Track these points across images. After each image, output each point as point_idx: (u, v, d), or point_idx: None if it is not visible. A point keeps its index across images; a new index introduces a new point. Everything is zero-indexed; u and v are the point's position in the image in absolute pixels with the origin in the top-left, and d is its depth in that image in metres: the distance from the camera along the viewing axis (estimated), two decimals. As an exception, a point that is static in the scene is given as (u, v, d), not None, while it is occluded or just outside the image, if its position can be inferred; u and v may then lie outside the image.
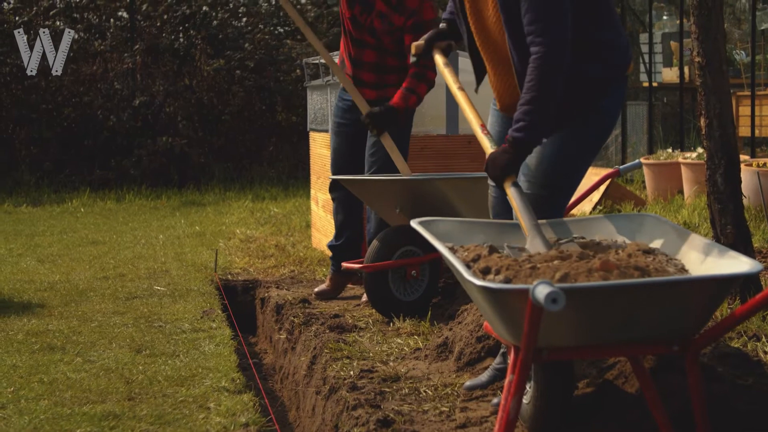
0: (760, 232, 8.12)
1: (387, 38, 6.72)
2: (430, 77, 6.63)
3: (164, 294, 7.75)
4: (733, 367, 4.32)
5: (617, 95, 4.44)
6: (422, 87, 6.63)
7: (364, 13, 6.75)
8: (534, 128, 4.16)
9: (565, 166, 4.41)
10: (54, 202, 14.27)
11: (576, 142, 4.39)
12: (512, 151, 4.17)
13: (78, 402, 5.04)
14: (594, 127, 4.41)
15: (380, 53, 6.79)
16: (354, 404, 4.55)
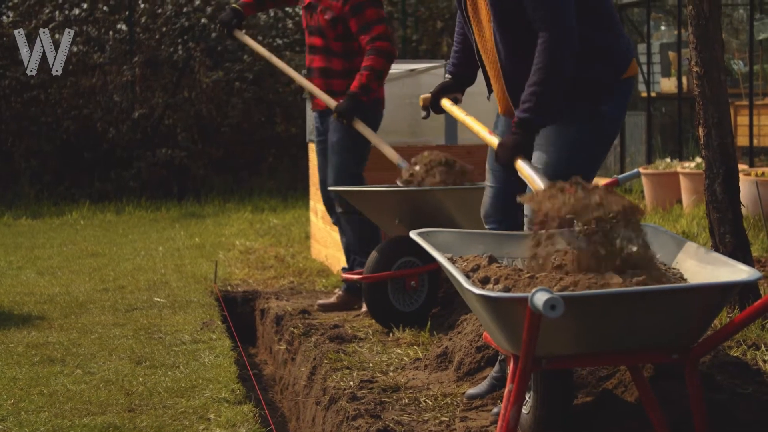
0: (759, 242, 8.13)
1: (332, 33, 6.76)
2: (385, 48, 6.66)
3: (164, 305, 7.76)
4: (732, 376, 4.32)
5: (619, 100, 4.43)
6: (377, 60, 6.65)
7: (314, 14, 6.83)
8: (540, 108, 4.19)
9: (571, 173, 4.38)
10: (54, 214, 14.27)
11: (580, 149, 4.38)
12: (520, 132, 4.21)
13: (78, 414, 5.05)
14: (596, 133, 4.40)
15: (327, 57, 6.82)
16: (354, 414, 4.55)
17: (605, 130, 4.43)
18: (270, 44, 17.43)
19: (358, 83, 6.64)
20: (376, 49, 6.65)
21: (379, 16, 6.75)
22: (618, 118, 4.46)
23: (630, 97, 4.50)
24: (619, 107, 4.44)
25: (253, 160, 17.36)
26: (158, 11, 17.12)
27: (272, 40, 17.72)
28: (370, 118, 6.85)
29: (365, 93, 6.64)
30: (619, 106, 4.44)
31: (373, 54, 6.64)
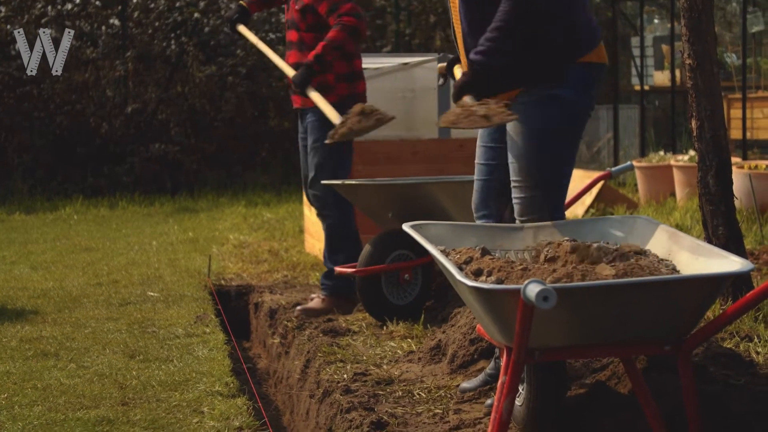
0: (752, 234, 8.14)
1: (303, 24, 6.74)
2: (350, 24, 6.60)
3: (158, 300, 7.76)
4: (725, 367, 4.33)
5: (578, 84, 4.37)
6: (339, 33, 6.60)
7: (289, 7, 6.83)
8: (491, 54, 4.28)
9: (546, 161, 4.38)
10: (47, 209, 14.25)
11: (547, 136, 4.37)
12: (469, 73, 4.32)
13: (72, 407, 5.05)
14: (557, 118, 4.36)
15: (301, 51, 6.79)
16: (348, 407, 4.55)
17: (565, 114, 4.37)
18: (263, 38, 17.42)
19: (314, 53, 6.63)
20: (342, 23, 6.59)
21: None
22: (578, 102, 4.38)
23: (595, 85, 4.42)
24: (579, 92, 4.37)
25: (246, 155, 17.35)
26: (151, 6, 17.10)
27: (265, 35, 17.70)
28: None
29: (318, 62, 6.61)
30: (579, 90, 4.37)
31: (337, 27, 6.59)
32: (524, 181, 4.38)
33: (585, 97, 4.40)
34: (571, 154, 4.45)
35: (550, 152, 4.37)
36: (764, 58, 14.80)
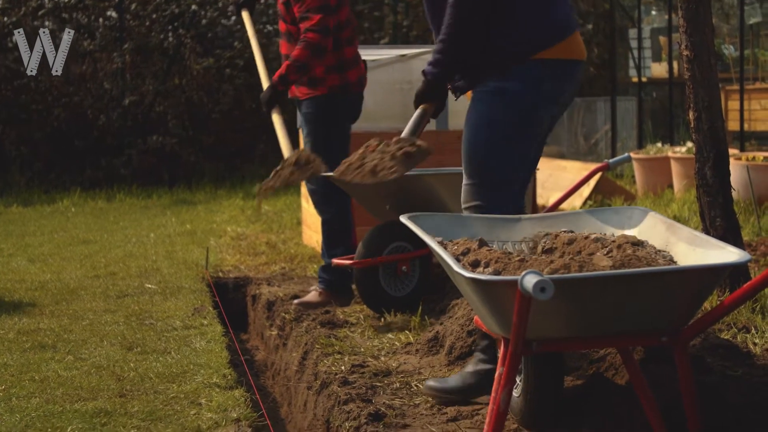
0: (749, 226, 8.14)
1: (287, 17, 6.72)
2: (313, 41, 6.49)
3: (155, 292, 7.75)
4: (722, 358, 4.34)
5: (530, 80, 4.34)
6: (302, 52, 6.50)
7: None
8: (440, 64, 4.41)
9: (483, 152, 4.40)
10: (44, 202, 14.25)
11: (489, 126, 4.38)
12: (423, 83, 4.48)
13: (69, 399, 5.05)
14: (503, 111, 4.36)
15: (289, 42, 6.77)
16: (345, 399, 4.56)
17: (510, 108, 4.36)
18: (260, 30, 17.42)
19: (278, 73, 6.57)
20: (305, 40, 6.50)
21: (320, 3, 6.55)
22: (525, 97, 4.36)
23: (552, 81, 4.37)
24: (527, 87, 4.35)
25: (244, 147, 17.35)
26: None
27: (263, 26, 17.70)
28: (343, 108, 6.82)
29: (283, 83, 6.56)
30: (527, 86, 4.34)
31: (300, 45, 6.52)
32: (465, 169, 4.46)
33: (534, 92, 4.35)
34: (517, 148, 4.41)
35: (490, 143, 4.38)
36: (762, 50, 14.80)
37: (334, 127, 6.78)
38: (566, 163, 13.75)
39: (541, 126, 4.44)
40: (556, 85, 4.38)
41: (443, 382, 4.48)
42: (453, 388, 4.44)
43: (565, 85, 4.41)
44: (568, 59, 4.40)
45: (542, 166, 11.34)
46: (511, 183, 4.43)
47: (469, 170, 4.44)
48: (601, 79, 18.64)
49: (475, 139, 4.41)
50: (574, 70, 4.42)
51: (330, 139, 6.66)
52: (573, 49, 4.42)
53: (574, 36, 4.45)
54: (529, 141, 4.43)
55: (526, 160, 4.46)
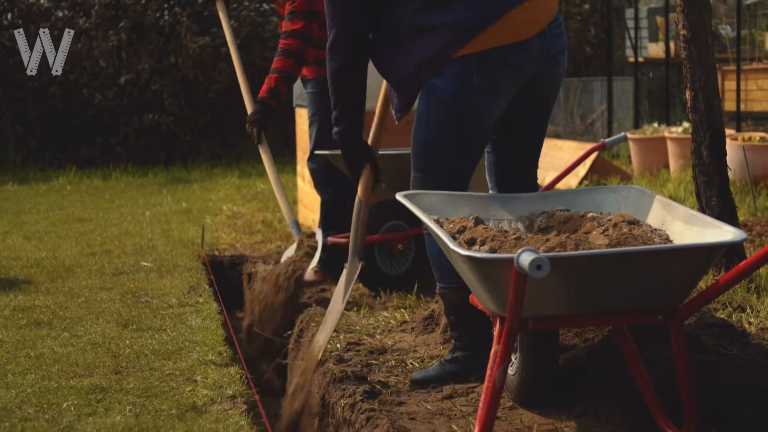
0: (745, 206, 8.15)
1: (282, 10, 6.70)
2: (292, 48, 6.42)
3: (151, 270, 7.76)
4: (718, 337, 4.34)
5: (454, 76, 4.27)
6: (285, 62, 6.43)
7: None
8: (339, 121, 4.54)
9: (422, 148, 4.42)
10: (40, 180, 14.24)
11: (422, 124, 4.39)
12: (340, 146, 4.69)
13: (65, 376, 5.05)
14: (435, 108, 4.33)
15: None
16: (341, 376, 4.56)
17: (442, 104, 4.31)
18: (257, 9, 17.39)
19: (267, 87, 6.48)
20: (284, 47, 6.43)
21: (307, 8, 6.44)
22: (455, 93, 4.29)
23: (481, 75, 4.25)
24: (456, 83, 4.27)
25: (240, 126, 17.24)
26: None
27: (259, 5, 17.66)
28: None
29: (275, 97, 6.51)
30: (456, 82, 4.27)
31: (281, 55, 6.44)
32: (412, 161, 4.50)
33: (463, 87, 4.28)
34: (453, 143, 4.37)
35: (428, 139, 4.39)
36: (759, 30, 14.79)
37: None
38: (562, 142, 13.74)
39: (485, 118, 4.36)
40: (488, 76, 4.27)
41: (425, 372, 4.50)
42: (433, 378, 4.44)
43: (502, 72, 4.27)
44: (496, 47, 4.26)
45: (538, 146, 11.34)
46: (453, 174, 4.42)
47: (413, 163, 4.49)
48: (598, 59, 18.62)
49: (414, 134, 4.44)
50: (508, 57, 4.28)
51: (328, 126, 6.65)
52: (501, 35, 4.26)
53: (503, 20, 4.27)
54: (468, 135, 4.37)
55: (470, 154, 4.42)
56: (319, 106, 6.69)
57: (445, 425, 3.83)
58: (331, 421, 4.44)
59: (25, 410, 4.55)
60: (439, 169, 4.41)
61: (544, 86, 4.45)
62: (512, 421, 3.86)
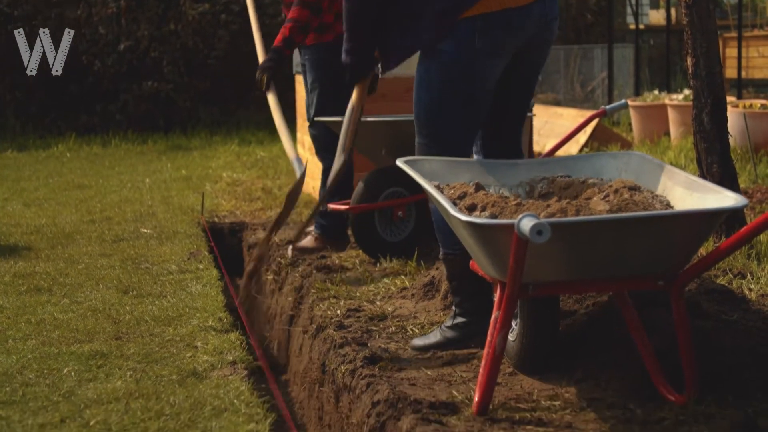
0: (745, 173, 8.14)
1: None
2: None
3: (151, 236, 7.76)
4: (718, 303, 4.34)
5: (461, 39, 4.27)
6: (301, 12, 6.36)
7: None
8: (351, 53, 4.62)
9: (425, 113, 4.41)
10: (39, 147, 14.23)
11: (425, 88, 4.39)
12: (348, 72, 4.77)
13: (66, 342, 5.06)
14: (438, 72, 4.33)
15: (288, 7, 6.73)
16: (341, 342, 4.56)
17: (444, 68, 4.31)
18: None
19: (282, 36, 6.45)
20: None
21: None
22: (458, 57, 4.29)
23: (484, 37, 4.27)
24: (459, 47, 4.28)
25: (239, 93, 17.29)
26: (144, -59, 16.96)
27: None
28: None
29: (289, 46, 6.48)
30: (460, 45, 4.28)
31: (297, 5, 6.43)
32: (415, 128, 4.49)
33: (466, 50, 4.28)
34: (460, 106, 4.36)
35: (432, 104, 4.38)
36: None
37: (341, 73, 6.72)
38: (562, 110, 13.71)
39: (485, 80, 4.36)
40: (491, 39, 4.27)
41: (425, 338, 4.50)
42: (433, 344, 4.44)
43: (505, 36, 4.28)
44: (500, 10, 4.27)
45: (538, 114, 11.34)
46: (458, 140, 4.41)
47: (417, 129, 4.48)
48: (599, 26, 18.58)
49: (417, 100, 4.43)
50: (512, 19, 4.28)
51: (336, 85, 6.62)
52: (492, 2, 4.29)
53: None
54: (471, 98, 4.37)
55: (473, 117, 4.41)
56: (319, 72, 6.66)
57: (446, 391, 3.84)
58: (331, 387, 4.44)
59: (25, 375, 4.55)
60: (443, 135, 4.40)
61: (536, 53, 4.48)
62: (512, 387, 3.86)
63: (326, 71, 6.65)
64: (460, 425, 3.44)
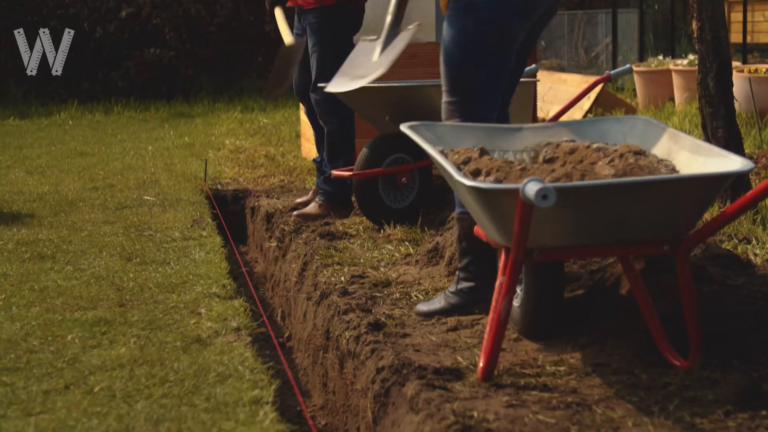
0: (750, 138, 8.12)
1: None
2: None
3: (154, 204, 7.75)
4: (723, 268, 4.33)
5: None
6: None
7: None
8: None
9: (458, 70, 4.35)
10: (41, 114, 14.21)
11: (458, 44, 4.33)
12: None
13: (69, 309, 5.05)
14: (475, 27, 4.30)
15: None
16: (345, 309, 4.56)
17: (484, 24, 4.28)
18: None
19: None
20: None
21: None
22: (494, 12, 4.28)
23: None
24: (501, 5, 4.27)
25: (242, 60, 17.25)
26: None
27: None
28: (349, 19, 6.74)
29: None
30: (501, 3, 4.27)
31: None
32: (443, 86, 4.41)
33: (505, 6, 4.28)
34: (492, 64, 4.34)
35: (465, 60, 4.33)
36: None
37: (341, 37, 6.70)
38: (566, 76, 13.66)
39: (514, 41, 4.36)
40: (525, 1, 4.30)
41: (430, 304, 4.48)
42: (438, 310, 4.43)
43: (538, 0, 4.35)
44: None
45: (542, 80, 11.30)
46: (488, 99, 4.39)
47: (446, 87, 4.41)
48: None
49: (449, 57, 4.37)
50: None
51: (337, 49, 6.59)
52: None
53: None
54: (503, 56, 4.36)
55: (502, 75, 4.40)
56: (322, 35, 6.63)
57: (450, 357, 3.83)
58: (335, 354, 4.44)
59: (30, 342, 4.55)
60: (473, 93, 4.36)
61: (543, 22, 4.51)
62: (517, 353, 3.86)
63: (325, 36, 6.62)
64: (465, 391, 3.43)
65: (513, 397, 3.36)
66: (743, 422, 3.09)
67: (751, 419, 3.10)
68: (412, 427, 3.31)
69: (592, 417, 3.18)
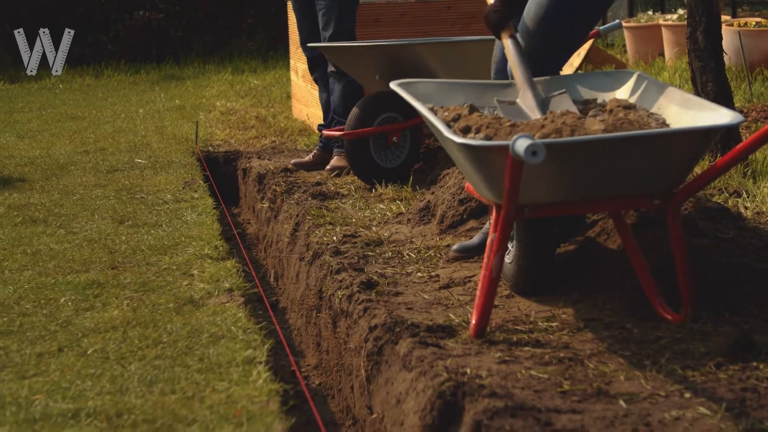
0: (740, 92, 8.11)
1: None
2: None
3: (145, 166, 7.73)
4: (714, 221, 4.34)
5: None
6: None
7: None
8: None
9: (569, 25, 4.26)
10: (32, 78, 14.14)
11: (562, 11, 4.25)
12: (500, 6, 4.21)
13: (62, 272, 5.05)
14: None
15: None
16: (337, 268, 4.56)
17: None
18: None
19: None
20: None
21: None
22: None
23: None
24: None
25: (232, 21, 17.16)
26: None
27: None
28: None
29: None
30: None
31: None
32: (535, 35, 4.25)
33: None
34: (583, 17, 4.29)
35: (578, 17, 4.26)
36: None
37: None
38: (557, 33, 13.61)
39: None
40: None
41: (466, 243, 4.57)
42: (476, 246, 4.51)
43: None
44: None
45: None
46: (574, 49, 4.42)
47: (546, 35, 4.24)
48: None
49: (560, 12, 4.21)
50: None
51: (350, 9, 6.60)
52: None
53: None
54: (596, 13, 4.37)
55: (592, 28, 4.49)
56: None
57: (443, 314, 3.84)
58: (328, 313, 4.45)
59: (23, 306, 4.56)
60: (568, 47, 4.35)
61: None
62: (510, 309, 3.87)
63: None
64: (458, 348, 3.44)
65: (505, 353, 3.38)
66: (734, 374, 3.11)
67: (742, 371, 3.12)
68: (405, 384, 3.33)
69: (585, 371, 3.20)
